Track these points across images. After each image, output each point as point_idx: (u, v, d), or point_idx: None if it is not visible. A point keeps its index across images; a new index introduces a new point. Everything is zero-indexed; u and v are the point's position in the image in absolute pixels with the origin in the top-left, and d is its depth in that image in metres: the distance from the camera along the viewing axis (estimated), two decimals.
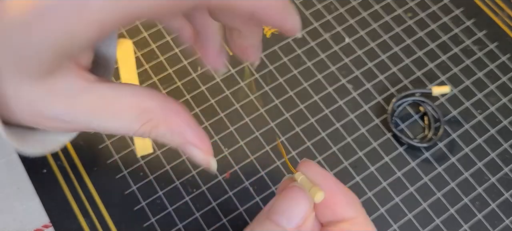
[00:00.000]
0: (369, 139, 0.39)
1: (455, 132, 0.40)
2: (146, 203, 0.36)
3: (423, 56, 0.43)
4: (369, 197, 0.37)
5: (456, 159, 0.39)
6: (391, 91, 0.41)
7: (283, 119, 0.40)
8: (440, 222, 0.37)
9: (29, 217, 0.36)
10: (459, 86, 0.42)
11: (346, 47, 0.43)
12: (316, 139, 0.39)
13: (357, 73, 0.42)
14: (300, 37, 0.30)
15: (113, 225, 0.36)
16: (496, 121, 0.41)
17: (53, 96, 0.25)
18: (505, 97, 0.41)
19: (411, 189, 0.38)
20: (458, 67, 0.43)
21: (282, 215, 0.27)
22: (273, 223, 0.27)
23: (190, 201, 0.37)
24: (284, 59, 0.42)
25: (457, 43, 0.44)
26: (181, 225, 0.36)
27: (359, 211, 0.28)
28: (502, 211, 0.37)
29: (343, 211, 0.28)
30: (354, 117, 0.40)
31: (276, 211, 0.27)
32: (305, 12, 0.45)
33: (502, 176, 0.38)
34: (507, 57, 0.43)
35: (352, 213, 0.28)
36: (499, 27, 0.45)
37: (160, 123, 0.26)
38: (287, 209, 0.27)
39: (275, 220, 0.27)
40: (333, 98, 0.41)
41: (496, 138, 0.40)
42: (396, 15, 0.45)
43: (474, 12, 0.45)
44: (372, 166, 0.38)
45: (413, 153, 0.39)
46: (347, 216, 0.28)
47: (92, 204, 0.36)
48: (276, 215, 0.27)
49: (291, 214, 0.27)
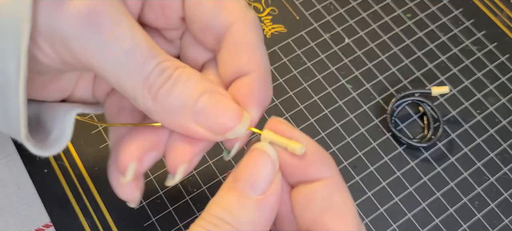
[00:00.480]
0: (368, 139, 0.40)
1: (454, 132, 0.40)
2: (147, 202, 0.37)
3: (422, 56, 0.43)
4: (368, 196, 0.37)
5: (455, 159, 0.39)
6: (391, 92, 0.42)
7: (283, 118, 0.40)
8: (439, 221, 0.37)
9: (30, 217, 0.36)
10: (458, 86, 0.42)
11: (346, 47, 0.43)
12: (315, 138, 0.39)
13: (356, 74, 0.42)
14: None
15: (113, 225, 0.36)
16: (495, 121, 0.41)
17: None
18: (504, 98, 0.42)
19: (411, 188, 0.38)
20: (457, 68, 0.43)
21: (245, 182, 0.25)
22: (238, 192, 0.25)
23: (190, 200, 0.37)
24: (284, 59, 0.43)
25: (456, 43, 0.44)
26: (182, 225, 0.36)
27: (334, 170, 0.26)
28: (501, 210, 0.37)
29: (317, 170, 0.25)
30: (354, 117, 0.40)
31: (239, 179, 0.25)
32: (305, 13, 0.45)
33: (501, 176, 0.38)
34: (506, 58, 0.43)
35: (326, 172, 0.25)
36: (498, 28, 0.45)
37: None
38: (250, 175, 0.25)
39: (239, 188, 0.25)
40: (333, 98, 0.41)
41: (495, 138, 0.40)
42: (395, 16, 0.45)
43: (473, 12, 0.45)
44: (372, 165, 0.39)
45: (413, 153, 0.39)
46: (321, 176, 0.25)
47: (93, 203, 0.36)
48: (239, 183, 0.25)
49: (255, 180, 0.25)
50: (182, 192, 0.37)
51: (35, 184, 0.37)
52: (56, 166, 0.38)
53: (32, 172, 0.37)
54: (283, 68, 0.42)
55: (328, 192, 0.25)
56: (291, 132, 0.26)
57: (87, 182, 0.37)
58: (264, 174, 0.25)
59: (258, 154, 0.26)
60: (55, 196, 0.36)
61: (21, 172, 0.37)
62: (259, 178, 0.25)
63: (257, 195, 0.25)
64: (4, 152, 0.38)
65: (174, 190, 0.37)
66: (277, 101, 0.41)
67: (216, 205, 0.25)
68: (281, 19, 0.45)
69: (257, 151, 0.26)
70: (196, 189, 0.37)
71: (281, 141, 0.26)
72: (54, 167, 0.38)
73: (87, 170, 0.37)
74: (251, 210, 0.25)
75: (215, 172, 0.38)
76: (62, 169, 0.37)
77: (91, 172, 0.37)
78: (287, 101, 0.41)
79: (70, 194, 0.37)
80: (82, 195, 0.37)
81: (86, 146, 0.38)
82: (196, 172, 0.38)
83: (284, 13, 0.45)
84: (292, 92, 0.41)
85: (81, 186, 0.37)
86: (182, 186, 0.37)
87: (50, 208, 0.36)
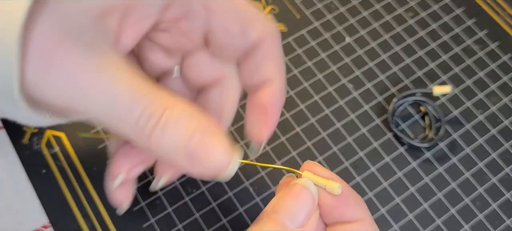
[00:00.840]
0: (369, 139, 0.39)
1: (456, 132, 0.40)
2: (146, 203, 0.36)
3: (424, 56, 0.43)
4: (369, 197, 0.37)
5: (457, 159, 0.39)
6: (392, 91, 0.41)
7: (283, 119, 0.40)
8: (441, 222, 0.36)
9: (28, 218, 0.36)
10: (460, 86, 0.42)
11: (347, 46, 0.43)
12: (316, 139, 0.39)
13: (357, 73, 0.42)
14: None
15: (112, 226, 0.36)
16: (497, 120, 0.40)
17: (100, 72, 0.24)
18: (506, 97, 0.41)
19: (412, 189, 0.38)
20: (459, 67, 0.43)
21: (285, 214, 0.26)
22: (276, 223, 0.26)
23: (190, 201, 0.37)
24: (284, 59, 0.42)
25: (458, 42, 0.44)
26: (181, 226, 0.36)
27: (366, 213, 0.28)
28: (503, 211, 0.37)
29: (352, 212, 0.27)
30: (355, 117, 0.40)
31: (278, 210, 0.26)
32: (306, 12, 0.45)
33: (503, 176, 0.38)
34: (508, 57, 0.43)
35: (361, 214, 0.27)
36: (500, 27, 0.44)
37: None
38: (291, 207, 0.26)
39: (278, 219, 0.26)
40: (334, 98, 0.41)
41: (497, 138, 0.40)
42: (397, 15, 0.45)
43: (475, 11, 0.45)
44: (373, 166, 0.38)
45: (414, 153, 0.39)
46: (356, 218, 0.27)
47: (92, 204, 0.36)
48: (279, 215, 0.26)
49: (295, 213, 0.26)
50: (182, 192, 0.37)
51: (33, 184, 0.37)
52: (54, 167, 0.37)
53: (30, 172, 0.37)
54: None
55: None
56: (329, 173, 0.28)
57: (86, 183, 0.37)
58: (305, 208, 0.26)
59: (300, 188, 0.27)
60: (54, 197, 0.36)
61: (19, 173, 0.37)
62: (299, 211, 0.26)
63: (296, 228, 0.26)
64: (2, 152, 0.38)
65: (173, 190, 0.37)
66: None
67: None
68: (282, 18, 0.44)
69: (298, 186, 0.27)
70: (195, 189, 0.37)
71: (320, 181, 0.27)
72: (52, 168, 0.37)
73: (86, 171, 0.37)
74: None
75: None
76: (60, 170, 0.37)
77: (89, 172, 0.37)
78: (288, 101, 0.40)
79: (68, 194, 0.36)
80: (80, 195, 0.36)
81: (84, 147, 0.38)
82: None
83: (284, 12, 0.45)
84: (293, 92, 0.41)
85: (80, 186, 0.37)
86: (181, 187, 0.37)
87: (48, 208, 0.36)
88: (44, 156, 0.38)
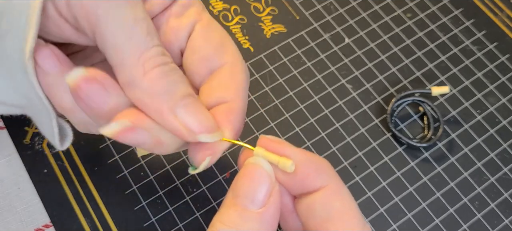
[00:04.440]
0: (368, 139, 0.40)
1: (454, 132, 0.40)
2: (147, 202, 0.37)
3: (422, 56, 0.43)
4: (368, 196, 0.37)
5: (455, 159, 0.39)
6: (391, 92, 0.42)
7: (283, 118, 0.40)
8: (439, 221, 0.37)
9: (30, 217, 0.36)
10: (459, 86, 0.42)
11: (346, 47, 0.43)
12: (315, 139, 0.39)
13: (356, 74, 0.42)
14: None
15: (113, 225, 0.36)
16: (495, 121, 0.41)
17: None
18: (504, 98, 0.42)
19: (411, 188, 0.38)
20: (457, 68, 0.43)
21: (244, 196, 0.26)
22: (239, 208, 0.26)
23: (190, 200, 0.37)
24: (284, 59, 0.42)
25: (457, 43, 0.44)
26: (181, 225, 0.36)
27: (330, 176, 0.26)
28: (501, 211, 0.37)
29: (312, 181, 0.26)
30: (354, 117, 0.40)
31: (238, 194, 0.26)
32: (305, 13, 0.45)
33: (501, 176, 0.38)
34: (507, 58, 0.43)
35: (323, 180, 0.26)
36: (499, 28, 0.45)
37: None
38: (248, 189, 0.26)
39: (239, 203, 0.26)
40: (333, 98, 0.41)
41: (496, 138, 0.40)
42: (395, 16, 0.45)
43: (473, 12, 0.45)
44: (372, 166, 0.38)
45: (413, 153, 0.39)
46: (318, 186, 0.26)
47: (93, 203, 0.36)
48: (239, 198, 0.26)
49: (253, 194, 0.26)
50: (182, 192, 0.37)
51: (35, 184, 0.37)
52: (55, 166, 0.38)
53: (31, 172, 0.37)
54: (283, 68, 0.42)
55: (327, 200, 0.26)
56: (283, 148, 0.27)
57: (87, 182, 0.37)
58: (262, 187, 0.26)
59: (254, 168, 0.26)
60: (55, 196, 0.36)
61: (21, 172, 0.37)
62: (258, 191, 0.26)
63: (258, 208, 0.26)
64: (3, 152, 0.38)
65: (174, 190, 0.37)
66: (277, 101, 0.41)
67: (219, 222, 0.26)
68: (281, 19, 0.45)
69: (252, 165, 0.26)
70: (196, 189, 0.37)
71: (272, 158, 0.26)
72: (53, 167, 0.38)
73: (87, 170, 0.37)
74: (254, 223, 0.25)
75: (215, 172, 0.38)
76: (62, 169, 0.37)
77: (91, 172, 0.37)
78: (287, 101, 0.41)
79: (70, 194, 0.37)
80: (82, 195, 0.37)
81: (86, 146, 0.38)
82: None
83: (284, 13, 0.45)
84: (292, 92, 0.41)
85: (81, 186, 0.37)
86: (182, 186, 0.37)
87: (50, 208, 0.36)
88: (46, 156, 0.38)
